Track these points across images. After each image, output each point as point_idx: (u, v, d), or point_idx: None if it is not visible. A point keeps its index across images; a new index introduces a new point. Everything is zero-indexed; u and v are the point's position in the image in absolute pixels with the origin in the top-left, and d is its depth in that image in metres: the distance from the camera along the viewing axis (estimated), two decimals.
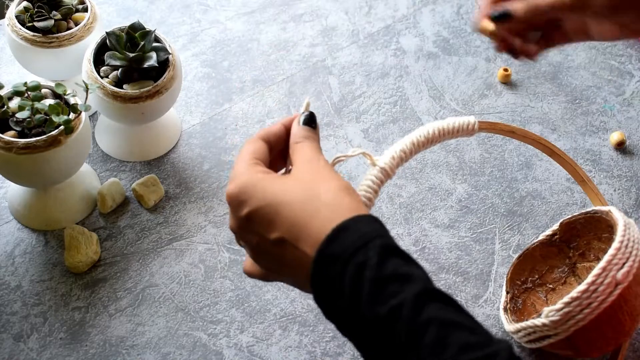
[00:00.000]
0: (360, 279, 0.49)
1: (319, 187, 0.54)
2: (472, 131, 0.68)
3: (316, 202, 0.53)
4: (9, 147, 0.78)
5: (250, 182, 0.55)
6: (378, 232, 0.51)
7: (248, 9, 1.13)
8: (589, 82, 1.07)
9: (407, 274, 0.49)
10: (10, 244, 0.87)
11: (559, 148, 0.78)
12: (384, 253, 0.50)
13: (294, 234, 0.53)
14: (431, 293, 0.49)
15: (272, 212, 0.54)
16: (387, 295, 0.48)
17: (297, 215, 0.53)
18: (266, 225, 0.54)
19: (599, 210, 0.77)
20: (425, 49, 1.09)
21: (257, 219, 0.54)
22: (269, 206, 0.54)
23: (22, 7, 0.90)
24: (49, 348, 0.80)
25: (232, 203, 0.57)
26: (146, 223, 0.90)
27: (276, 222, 0.53)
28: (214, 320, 0.83)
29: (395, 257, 0.50)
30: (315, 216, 0.52)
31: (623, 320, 0.68)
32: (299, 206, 0.53)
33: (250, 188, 0.55)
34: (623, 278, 0.67)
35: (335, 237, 0.51)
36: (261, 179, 0.55)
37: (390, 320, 0.48)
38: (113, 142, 0.95)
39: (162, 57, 0.87)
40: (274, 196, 0.54)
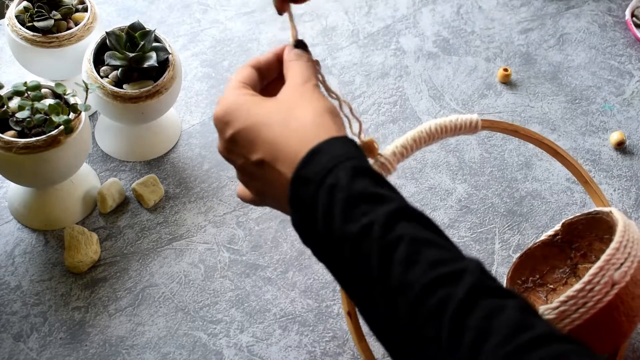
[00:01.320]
0: (331, 199, 0.49)
1: (300, 109, 0.54)
2: (474, 129, 0.68)
3: (294, 124, 0.53)
4: (9, 147, 0.78)
5: (235, 103, 0.56)
6: (351, 154, 0.52)
7: (248, 8, 1.13)
8: (589, 82, 1.07)
9: (378, 194, 0.50)
10: (10, 244, 0.87)
11: (561, 148, 0.78)
12: (355, 174, 0.50)
13: (272, 155, 0.53)
14: (404, 212, 0.49)
15: (253, 133, 0.54)
16: (359, 214, 0.49)
17: (276, 137, 0.53)
18: (248, 147, 0.54)
19: (600, 211, 0.77)
20: (425, 49, 1.09)
21: (240, 140, 0.55)
22: (250, 127, 0.54)
23: (22, 7, 0.90)
24: (49, 348, 0.80)
25: (218, 125, 0.57)
26: (146, 223, 0.90)
27: (257, 143, 0.54)
28: (214, 320, 0.83)
29: (366, 177, 0.51)
30: (292, 137, 0.53)
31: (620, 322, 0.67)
32: (277, 128, 0.53)
33: (234, 109, 0.56)
34: (620, 278, 0.66)
35: (310, 160, 0.51)
36: (246, 101, 0.56)
37: (361, 238, 0.48)
38: (113, 142, 0.95)
39: (162, 57, 0.87)
40: (255, 117, 0.54)
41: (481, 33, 1.12)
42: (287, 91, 0.57)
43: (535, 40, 1.11)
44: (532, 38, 1.12)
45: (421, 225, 0.49)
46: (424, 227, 0.49)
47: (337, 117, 0.55)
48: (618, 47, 1.11)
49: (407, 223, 0.48)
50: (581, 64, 1.09)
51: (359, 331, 0.68)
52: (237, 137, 0.55)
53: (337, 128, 0.54)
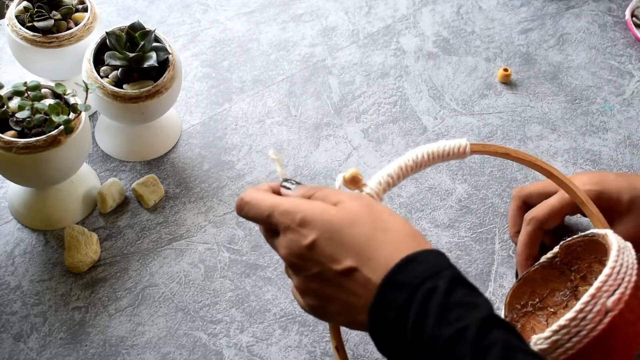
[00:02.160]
0: (427, 303, 0.49)
1: (385, 218, 0.54)
2: (463, 154, 0.68)
3: (387, 233, 0.53)
4: (9, 147, 0.78)
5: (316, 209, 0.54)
6: (448, 264, 0.52)
7: (248, 9, 1.13)
8: (589, 82, 1.07)
9: (474, 302, 0.50)
10: (10, 244, 0.87)
11: (557, 169, 0.76)
12: (453, 282, 0.51)
13: (363, 260, 0.52)
14: (496, 319, 0.50)
15: (341, 241, 0.53)
16: (453, 318, 0.49)
17: (369, 243, 0.52)
18: (333, 254, 0.53)
19: (596, 233, 0.75)
20: (425, 49, 1.09)
21: (323, 248, 0.53)
22: (338, 234, 0.53)
23: (22, 7, 0.90)
24: (49, 348, 0.80)
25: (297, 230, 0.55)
26: (146, 223, 0.90)
27: (346, 251, 0.53)
28: (214, 320, 0.83)
29: (464, 286, 0.51)
30: (386, 244, 0.52)
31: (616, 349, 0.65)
32: (370, 234, 0.53)
33: (316, 215, 0.54)
34: (613, 305, 0.64)
35: (404, 266, 0.51)
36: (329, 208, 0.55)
37: (455, 342, 0.48)
38: (113, 142, 0.95)
39: (162, 57, 0.87)
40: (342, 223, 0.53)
41: (481, 33, 1.12)
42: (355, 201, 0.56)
43: (535, 40, 1.11)
44: (532, 38, 1.12)
45: (512, 334, 0.50)
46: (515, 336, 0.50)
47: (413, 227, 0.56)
48: (618, 47, 1.11)
49: (500, 330, 0.49)
50: (581, 64, 1.09)
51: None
52: (320, 245, 0.53)
53: (422, 239, 0.54)
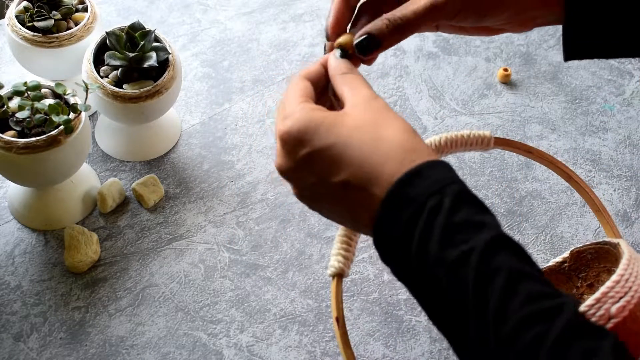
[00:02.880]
0: (432, 223, 0.48)
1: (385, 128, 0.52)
2: (486, 146, 0.67)
3: (385, 145, 0.51)
4: (9, 147, 0.78)
5: (311, 121, 0.52)
6: (453, 179, 0.50)
7: (248, 9, 1.13)
8: (589, 82, 1.07)
9: (480, 222, 0.49)
10: (10, 244, 0.87)
11: (576, 174, 0.76)
12: (458, 199, 0.49)
13: (362, 177, 0.51)
14: (502, 241, 0.48)
15: (336, 153, 0.51)
16: (458, 240, 0.47)
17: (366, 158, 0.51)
18: (329, 167, 0.52)
19: (609, 241, 0.75)
20: (425, 49, 1.09)
21: (319, 160, 0.52)
22: (333, 147, 0.51)
23: (22, 7, 0.90)
24: (49, 348, 0.80)
25: (289, 142, 0.53)
26: (146, 223, 0.90)
27: (341, 164, 0.51)
28: (214, 320, 0.83)
29: (469, 204, 0.50)
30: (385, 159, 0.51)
31: None
32: (367, 148, 0.51)
33: (311, 127, 0.52)
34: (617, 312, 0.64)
35: (409, 182, 0.49)
36: (324, 118, 0.52)
37: (458, 265, 0.47)
38: (113, 142, 0.95)
39: (162, 57, 0.87)
40: (338, 137, 0.51)
41: None
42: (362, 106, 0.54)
43: (535, 40, 1.11)
44: (532, 38, 1.12)
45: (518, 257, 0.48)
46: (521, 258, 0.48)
47: (419, 137, 0.54)
48: None
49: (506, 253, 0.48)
50: (581, 64, 1.09)
51: (345, 337, 0.67)
52: (315, 157, 0.52)
53: (429, 150, 0.52)
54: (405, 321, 0.84)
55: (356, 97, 0.55)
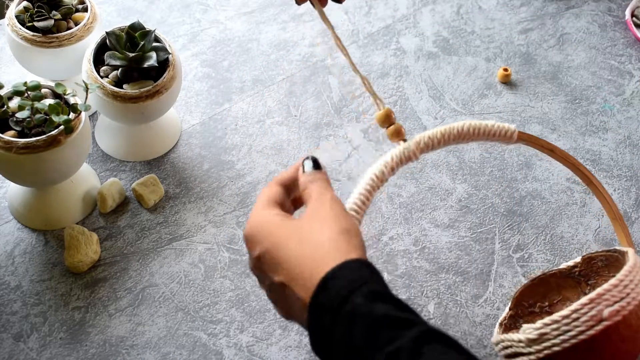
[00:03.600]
0: (351, 329, 0.49)
1: (316, 230, 0.55)
2: (509, 139, 0.67)
3: (309, 245, 0.54)
4: (9, 147, 0.78)
5: (259, 224, 0.57)
6: (365, 279, 0.51)
7: (248, 9, 1.13)
8: (589, 82, 1.07)
9: (401, 319, 0.49)
10: (10, 244, 0.87)
11: (596, 178, 0.75)
12: (373, 299, 0.50)
13: (289, 278, 0.54)
14: (430, 336, 0.49)
15: (274, 253, 0.55)
16: (383, 341, 0.48)
17: (291, 258, 0.54)
18: (272, 268, 0.55)
19: (619, 250, 0.74)
20: (425, 49, 1.09)
21: (265, 261, 0.56)
22: (272, 248, 0.55)
23: (22, 7, 0.90)
24: (49, 348, 0.80)
25: (247, 244, 0.58)
26: (146, 223, 0.90)
27: (278, 264, 0.55)
28: (214, 320, 0.83)
29: (385, 301, 0.50)
30: (306, 259, 0.53)
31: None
32: (293, 248, 0.54)
33: (258, 230, 0.57)
34: (609, 316, 0.63)
35: (324, 286, 0.51)
36: (269, 221, 0.57)
37: None
38: (113, 142, 0.95)
39: (162, 57, 0.87)
40: (277, 238, 0.55)
41: (481, 33, 1.12)
42: (307, 213, 0.57)
43: (535, 40, 1.11)
44: (532, 38, 1.12)
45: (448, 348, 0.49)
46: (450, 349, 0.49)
47: (353, 237, 0.55)
48: (618, 47, 1.11)
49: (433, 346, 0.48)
50: (581, 64, 1.09)
51: None
52: (262, 258, 0.56)
53: (352, 249, 0.54)
54: None
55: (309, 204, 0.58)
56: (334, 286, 0.51)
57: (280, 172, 0.63)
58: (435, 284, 0.86)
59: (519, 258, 0.89)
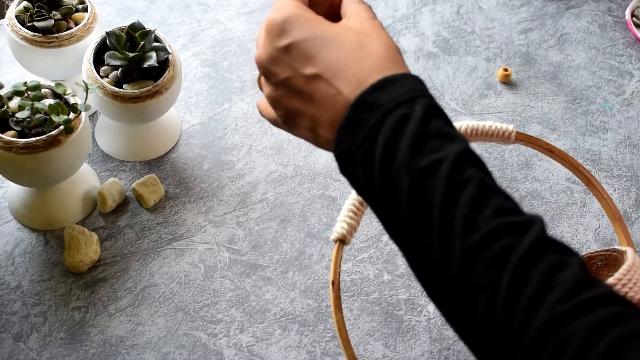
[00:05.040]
0: (401, 129, 0.47)
1: (372, 38, 0.51)
2: (507, 140, 0.67)
3: (366, 50, 0.50)
4: (9, 147, 0.78)
5: (300, 15, 0.52)
6: (426, 93, 0.49)
7: (248, 8, 1.13)
8: (589, 82, 1.07)
9: (450, 134, 0.47)
10: (10, 244, 0.87)
11: (595, 179, 0.75)
12: (430, 111, 0.48)
13: (334, 73, 0.50)
14: (471, 155, 0.47)
15: (317, 46, 0.50)
16: (429, 149, 0.46)
17: (343, 57, 0.50)
18: (305, 59, 0.51)
19: (617, 249, 0.74)
20: (425, 49, 1.09)
21: (298, 51, 0.51)
22: (315, 40, 0.51)
23: (22, 7, 0.90)
24: (49, 348, 0.80)
25: (274, 30, 0.52)
26: (146, 223, 0.90)
27: (318, 57, 0.50)
28: (214, 320, 0.83)
29: (440, 117, 0.48)
30: (363, 62, 0.50)
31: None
32: (347, 48, 0.50)
33: (299, 19, 0.51)
34: None
35: (382, 87, 0.48)
36: (312, 17, 0.52)
37: (427, 173, 0.45)
38: (113, 142, 0.95)
39: (162, 57, 0.87)
40: (323, 32, 0.51)
41: (481, 33, 1.12)
42: (354, 20, 0.53)
43: (535, 40, 1.11)
44: (532, 38, 1.12)
45: (487, 174, 0.48)
46: (490, 176, 0.48)
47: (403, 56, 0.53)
48: (618, 47, 1.11)
49: (476, 167, 0.47)
50: (581, 64, 1.09)
51: (338, 301, 0.68)
52: (295, 48, 0.51)
53: (407, 68, 0.51)
54: (405, 321, 0.84)
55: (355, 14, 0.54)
56: (393, 90, 0.48)
57: None
58: None
59: None
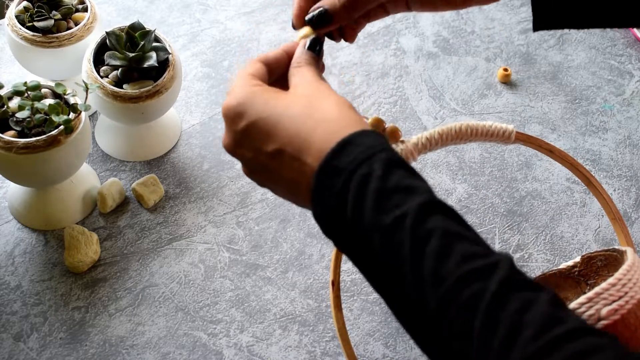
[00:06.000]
0: (364, 190, 0.48)
1: (320, 102, 0.53)
2: (507, 140, 0.68)
3: (319, 115, 0.52)
4: (9, 147, 0.78)
5: (249, 94, 0.54)
6: (383, 146, 0.51)
7: (248, 9, 1.13)
8: (589, 82, 1.07)
9: (411, 186, 0.49)
10: (10, 244, 0.87)
11: (595, 178, 0.75)
12: (389, 165, 0.49)
13: (295, 146, 0.52)
14: (435, 204, 0.49)
15: (271, 124, 0.53)
16: (391, 205, 0.48)
17: (299, 128, 0.52)
18: (264, 138, 0.53)
19: (618, 249, 0.74)
20: (425, 49, 1.09)
21: (255, 131, 0.53)
22: (268, 118, 0.53)
23: (22, 7, 0.90)
24: (49, 348, 0.80)
25: (229, 115, 0.55)
26: (146, 223, 0.90)
27: (275, 134, 0.52)
28: (214, 320, 0.83)
29: (400, 169, 0.50)
30: (318, 129, 0.51)
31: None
32: (300, 119, 0.52)
33: (249, 101, 0.54)
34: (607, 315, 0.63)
35: (341, 150, 0.50)
36: (262, 92, 0.54)
37: (393, 229, 0.47)
38: (113, 142, 0.95)
39: (162, 57, 0.87)
40: (274, 109, 0.53)
41: (481, 33, 1.12)
42: (303, 86, 0.55)
43: (535, 40, 1.11)
44: (532, 38, 1.12)
45: (451, 219, 0.49)
46: (454, 221, 0.49)
47: (355, 110, 0.54)
48: (618, 47, 1.11)
49: (439, 216, 0.48)
50: (581, 64, 1.09)
51: (338, 300, 0.68)
52: (251, 129, 0.54)
53: (361, 120, 0.53)
54: None
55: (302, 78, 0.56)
56: (352, 151, 0.50)
57: None
58: None
59: (519, 258, 0.89)
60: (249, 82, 0.56)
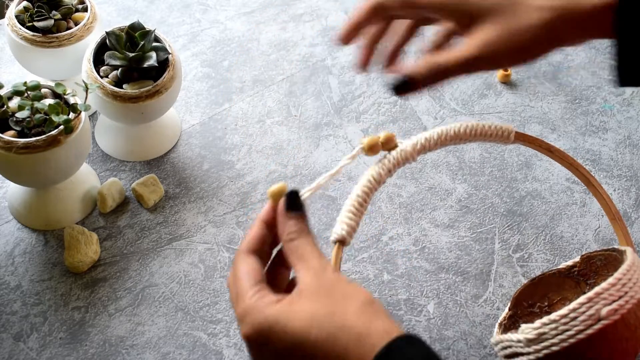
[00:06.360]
0: None
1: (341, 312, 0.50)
2: (506, 140, 0.68)
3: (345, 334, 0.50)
4: (9, 147, 0.78)
5: (265, 322, 0.51)
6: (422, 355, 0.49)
7: (248, 8, 1.13)
8: (588, 82, 1.07)
9: None
10: (10, 244, 0.87)
11: (595, 178, 0.75)
12: None
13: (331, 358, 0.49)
14: None
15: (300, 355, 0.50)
16: None
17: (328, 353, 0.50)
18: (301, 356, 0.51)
19: (617, 248, 0.74)
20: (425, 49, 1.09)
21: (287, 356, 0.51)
22: (294, 348, 0.50)
23: (22, 7, 0.90)
24: (49, 348, 0.80)
25: (254, 346, 0.52)
26: (146, 223, 0.90)
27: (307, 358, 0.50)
28: (214, 320, 0.83)
29: None
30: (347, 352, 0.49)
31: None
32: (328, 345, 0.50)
33: (266, 330, 0.51)
34: (607, 314, 0.63)
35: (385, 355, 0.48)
36: (277, 315, 0.51)
37: None
38: (113, 142, 0.95)
39: (162, 57, 0.87)
40: (294, 336, 0.50)
41: None
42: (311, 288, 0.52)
43: None
44: None
45: None
46: None
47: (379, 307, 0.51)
48: None
49: None
50: (581, 64, 1.09)
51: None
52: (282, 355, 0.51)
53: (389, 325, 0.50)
54: (405, 321, 0.84)
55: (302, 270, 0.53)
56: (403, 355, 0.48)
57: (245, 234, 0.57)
58: (435, 284, 0.86)
59: (518, 258, 0.89)
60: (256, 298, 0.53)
